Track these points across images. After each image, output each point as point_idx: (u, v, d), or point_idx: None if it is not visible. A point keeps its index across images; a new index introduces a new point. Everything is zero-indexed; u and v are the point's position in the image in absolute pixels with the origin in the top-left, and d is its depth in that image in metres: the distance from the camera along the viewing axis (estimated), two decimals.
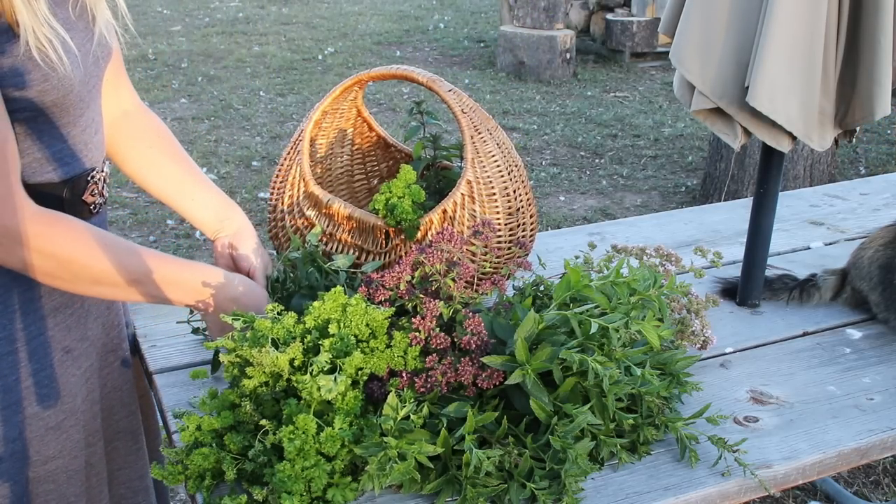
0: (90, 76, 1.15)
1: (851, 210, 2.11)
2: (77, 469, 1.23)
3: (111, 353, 1.32)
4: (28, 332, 1.14)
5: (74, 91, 1.10)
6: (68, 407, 1.20)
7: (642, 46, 7.83)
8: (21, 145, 1.07)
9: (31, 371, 1.15)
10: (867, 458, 1.24)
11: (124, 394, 1.35)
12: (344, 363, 1.07)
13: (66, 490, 1.21)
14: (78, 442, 1.22)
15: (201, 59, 7.95)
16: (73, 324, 1.21)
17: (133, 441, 1.38)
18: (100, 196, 1.23)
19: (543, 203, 4.79)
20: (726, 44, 1.44)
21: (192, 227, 4.30)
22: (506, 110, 6.46)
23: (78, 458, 1.23)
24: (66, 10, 1.12)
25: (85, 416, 1.24)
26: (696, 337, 1.37)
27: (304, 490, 1.01)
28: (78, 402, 1.22)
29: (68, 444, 1.20)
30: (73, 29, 1.12)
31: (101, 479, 1.29)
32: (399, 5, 10.84)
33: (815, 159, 4.60)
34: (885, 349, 1.46)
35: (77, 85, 1.10)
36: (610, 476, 1.13)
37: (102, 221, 1.26)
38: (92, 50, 1.16)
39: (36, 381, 1.16)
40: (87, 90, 1.15)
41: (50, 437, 1.18)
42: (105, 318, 1.30)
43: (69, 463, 1.21)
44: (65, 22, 1.10)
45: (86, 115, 1.16)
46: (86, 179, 1.18)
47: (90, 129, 1.18)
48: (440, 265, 1.19)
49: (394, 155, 1.72)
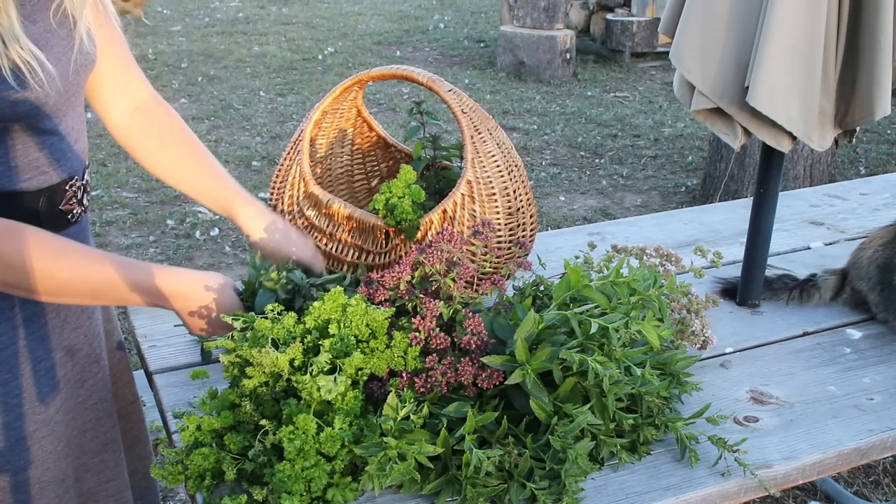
0: (69, 86, 1.12)
1: (851, 210, 2.11)
2: (50, 480, 1.19)
3: (94, 363, 1.29)
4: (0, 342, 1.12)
5: (50, 103, 1.07)
6: (40, 417, 1.17)
7: (642, 46, 7.83)
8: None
9: (4, 381, 1.13)
10: (867, 458, 1.24)
11: (108, 405, 1.32)
12: (344, 363, 1.07)
13: (37, 502, 1.18)
14: (51, 453, 1.19)
15: (201, 59, 7.95)
16: (48, 334, 1.18)
17: (119, 452, 1.35)
18: (79, 205, 1.20)
19: (543, 203, 4.79)
20: (726, 44, 1.44)
21: (192, 226, 4.31)
22: (506, 110, 6.46)
23: (51, 470, 1.19)
24: (47, 17, 1.09)
25: (59, 426, 1.21)
26: (696, 337, 1.36)
27: (304, 490, 1.01)
28: (51, 411, 1.19)
29: (40, 455, 1.17)
30: (54, 37, 1.09)
31: (73, 493, 1.26)
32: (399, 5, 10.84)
33: (815, 159, 4.60)
34: (885, 349, 1.46)
35: (53, 96, 1.07)
36: (610, 476, 1.13)
37: (82, 230, 1.23)
38: (73, 58, 1.12)
39: (6, 391, 1.13)
40: (66, 99, 1.12)
41: (20, 448, 1.15)
42: (86, 328, 1.27)
43: (41, 474, 1.18)
44: (45, 31, 1.07)
45: (64, 124, 1.13)
46: (63, 189, 1.15)
47: (69, 138, 1.15)
48: (440, 265, 1.19)
49: (394, 155, 1.72)
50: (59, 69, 1.09)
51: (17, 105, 1.03)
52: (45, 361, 1.19)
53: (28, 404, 1.16)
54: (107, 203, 4.62)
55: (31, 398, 1.16)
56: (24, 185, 1.10)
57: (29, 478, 1.17)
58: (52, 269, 1.07)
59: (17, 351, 1.15)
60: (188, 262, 3.92)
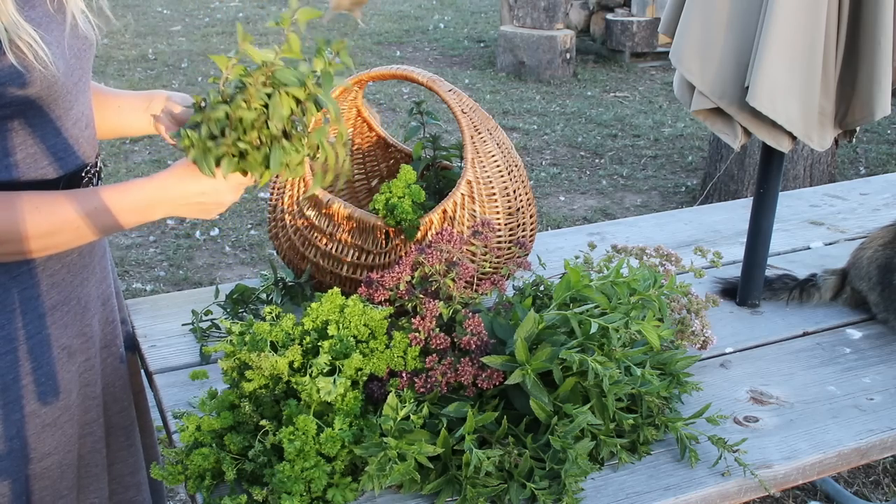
0: (73, 69, 1.14)
1: (851, 210, 2.11)
2: (70, 463, 1.23)
3: (106, 348, 1.33)
4: (27, 331, 1.14)
5: (59, 83, 1.08)
6: (63, 403, 1.20)
7: (642, 46, 7.82)
8: (16, 140, 1.07)
9: (30, 369, 1.15)
10: (867, 458, 1.24)
11: (118, 389, 1.36)
12: (343, 365, 1.07)
13: (59, 485, 1.22)
14: (71, 437, 1.23)
15: (201, 59, 7.95)
16: (71, 321, 1.21)
17: (125, 437, 1.38)
18: None
19: (543, 203, 4.79)
20: (726, 44, 1.44)
21: (192, 226, 4.30)
22: (506, 110, 6.46)
23: (71, 453, 1.23)
24: (45, 2, 1.10)
25: (79, 410, 1.25)
26: (696, 337, 1.36)
27: (304, 490, 1.01)
28: (73, 397, 1.22)
29: (63, 440, 1.21)
30: (52, 22, 1.10)
31: (92, 473, 1.30)
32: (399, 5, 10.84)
33: (815, 159, 4.59)
34: (885, 349, 1.46)
35: (61, 76, 1.09)
36: (610, 476, 1.13)
37: None
38: (73, 43, 1.14)
39: (34, 379, 1.16)
40: (73, 82, 1.13)
41: (46, 434, 1.18)
42: (102, 314, 1.31)
43: (63, 458, 1.22)
44: (42, 17, 1.08)
45: (75, 109, 1.15)
46: (80, 175, 1.17)
47: (80, 123, 1.17)
48: (440, 265, 1.19)
49: (394, 155, 1.72)
50: (61, 52, 1.10)
51: (28, 87, 1.04)
52: (69, 349, 1.21)
53: (54, 392, 1.18)
54: None
55: (56, 386, 1.19)
56: (44, 171, 1.11)
57: (53, 463, 1.20)
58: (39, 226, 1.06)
59: (44, 339, 1.17)
60: (188, 261, 3.92)
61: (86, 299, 1.25)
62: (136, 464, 1.41)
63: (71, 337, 1.21)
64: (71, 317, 1.21)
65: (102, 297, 1.31)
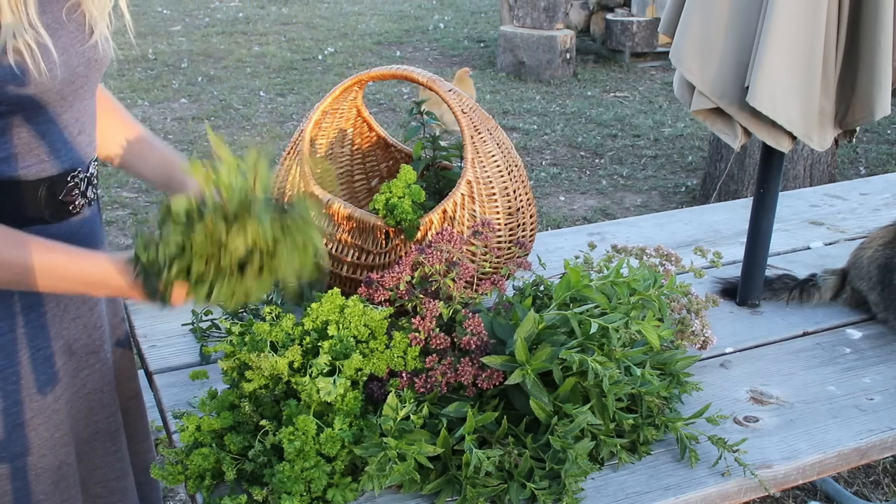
0: (77, 76, 1.13)
1: (851, 210, 2.11)
2: (46, 467, 1.21)
3: (91, 354, 1.30)
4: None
5: (52, 90, 1.08)
6: (37, 405, 1.19)
7: (642, 46, 7.82)
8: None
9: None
10: (867, 458, 1.24)
11: (105, 395, 1.33)
12: (343, 365, 1.07)
13: (33, 488, 1.20)
14: (47, 440, 1.21)
15: (201, 59, 7.95)
16: (47, 322, 1.19)
17: (111, 442, 1.36)
18: (82, 197, 1.20)
19: (543, 203, 4.78)
20: (726, 44, 1.44)
21: None
22: (506, 110, 6.46)
23: (46, 457, 1.21)
24: (59, 9, 1.10)
25: (56, 415, 1.22)
26: (696, 337, 1.36)
27: (304, 490, 1.01)
28: (48, 400, 1.20)
29: (36, 442, 1.19)
30: (62, 28, 1.10)
31: (72, 480, 1.27)
32: (399, 5, 10.83)
33: (815, 159, 4.59)
34: (885, 349, 1.46)
35: (57, 84, 1.08)
36: (610, 476, 1.13)
37: (88, 223, 1.23)
38: (83, 51, 1.14)
39: (3, 378, 1.14)
40: (72, 90, 1.13)
41: (17, 434, 1.17)
42: (86, 319, 1.28)
43: (37, 461, 1.20)
44: (52, 23, 1.08)
45: (68, 114, 1.14)
46: (64, 180, 1.16)
47: (73, 129, 1.16)
48: (440, 265, 1.19)
49: (394, 155, 1.72)
50: (65, 59, 1.10)
51: (19, 88, 1.03)
52: (44, 350, 1.20)
53: (26, 392, 1.17)
54: (107, 203, 4.62)
55: (28, 386, 1.18)
56: (22, 172, 1.10)
57: (26, 464, 1.19)
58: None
59: (16, 339, 1.16)
60: None
61: (64, 302, 1.22)
62: (123, 469, 1.38)
63: (45, 339, 1.19)
64: (47, 319, 1.19)
65: (89, 303, 1.28)
